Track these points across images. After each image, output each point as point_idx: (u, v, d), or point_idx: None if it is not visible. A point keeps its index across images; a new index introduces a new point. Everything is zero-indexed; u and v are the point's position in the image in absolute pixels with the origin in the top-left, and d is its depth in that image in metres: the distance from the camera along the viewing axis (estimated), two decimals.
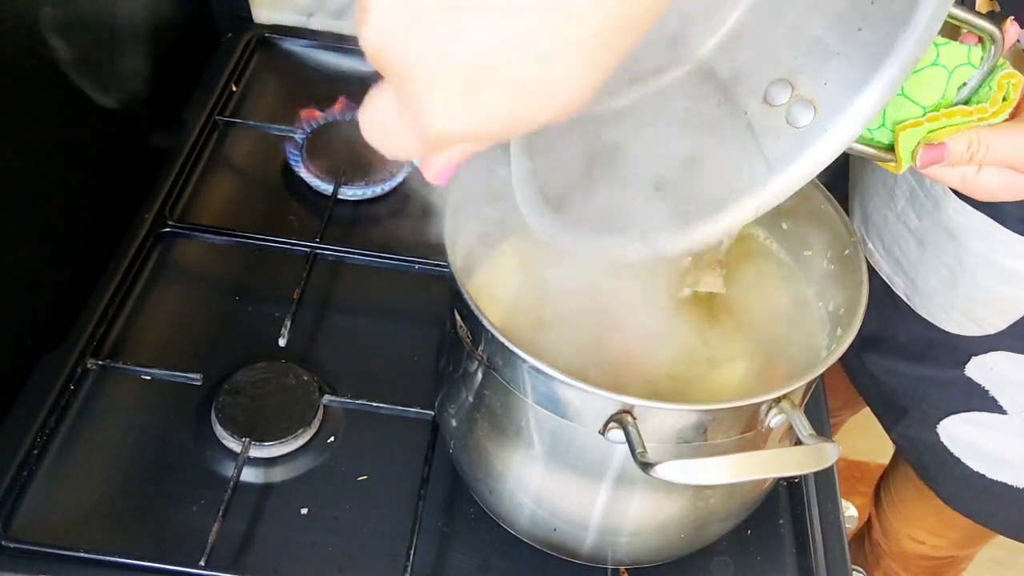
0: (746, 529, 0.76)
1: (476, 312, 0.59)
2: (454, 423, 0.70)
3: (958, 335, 0.88)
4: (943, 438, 0.94)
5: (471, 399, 0.67)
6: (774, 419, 0.59)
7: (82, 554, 0.69)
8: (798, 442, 0.58)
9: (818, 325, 0.71)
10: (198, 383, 0.80)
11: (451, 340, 0.68)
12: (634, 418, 0.56)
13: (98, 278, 0.87)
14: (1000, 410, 0.88)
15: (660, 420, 0.58)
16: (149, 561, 0.69)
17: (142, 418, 0.79)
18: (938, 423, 0.93)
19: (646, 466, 0.53)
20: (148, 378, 0.81)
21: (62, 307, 0.83)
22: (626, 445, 0.55)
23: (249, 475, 0.75)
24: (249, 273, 0.91)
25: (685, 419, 0.58)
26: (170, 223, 0.93)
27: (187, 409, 0.79)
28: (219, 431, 0.77)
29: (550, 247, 0.56)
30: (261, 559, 0.71)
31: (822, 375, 0.62)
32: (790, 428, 0.61)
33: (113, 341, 0.84)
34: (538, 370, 0.57)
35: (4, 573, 0.68)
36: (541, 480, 0.65)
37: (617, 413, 0.57)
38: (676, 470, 0.53)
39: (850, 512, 0.80)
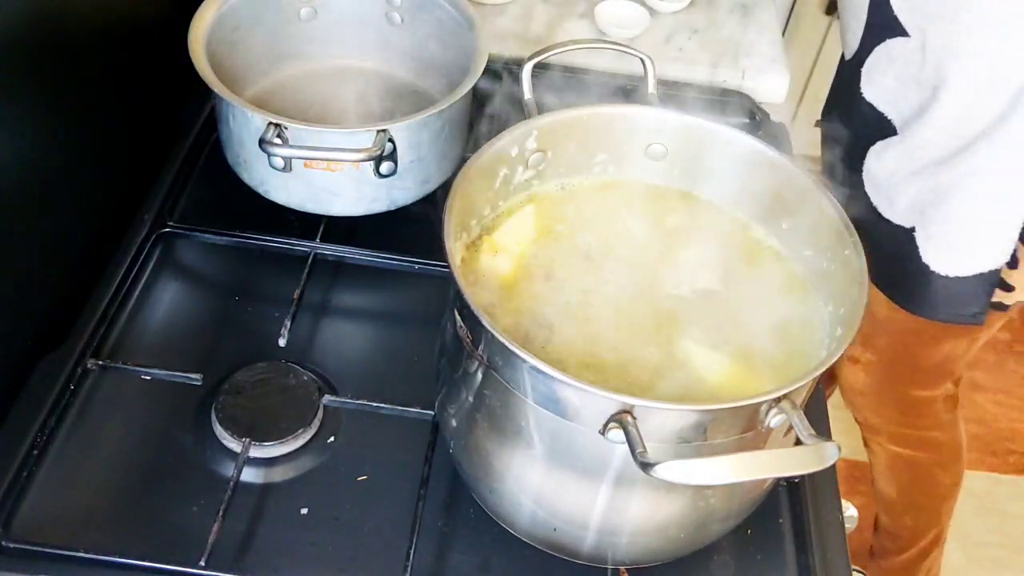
0: (746, 529, 0.76)
1: (476, 312, 0.59)
2: (454, 423, 0.70)
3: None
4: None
5: (471, 399, 0.67)
6: (774, 419, 0.59)
7: (82, 554, 0.69)
8: (798, 442, 0.58)
9: (818, 325, 0.71)
10: (198, 383, 0.80)
11: (451, 340, 0.68)
12: (634, 418, 0.56)
13: (98, 278, 0.87)
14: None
15: (660, 420, 0.58)
16: (149, 561, 0.69)
17: (142, 418, 0.79)
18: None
19: (646, 466, 0.53)
20: (148, 378, 0.81)
21: (62, 307, 0.83)
22: (626, 445, 0.55)
23: (249, 475, 0.75)
24: (249, 273, 0.91)
25: (685, 419, 0.58)
26: (170, 223, 0.93)
27: (187, 409, 0.79)
28: (219, 431, 0.77)
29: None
30: (261, 559, 0.71)
31: (822, 375, 0.62)
32: (790, 428, 0.61)
33: (113, 341, 0.84)
34: (538, 370, 0.57)
35: (4, 573, 0.68)
36: (541, 480, 0.65)
37: (617, 413, 0.57)
38: (676, 470, 0.53)
39: (850, 512, 0.80)
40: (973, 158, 0.98)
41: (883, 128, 1.04)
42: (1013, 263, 1.04)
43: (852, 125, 1.08)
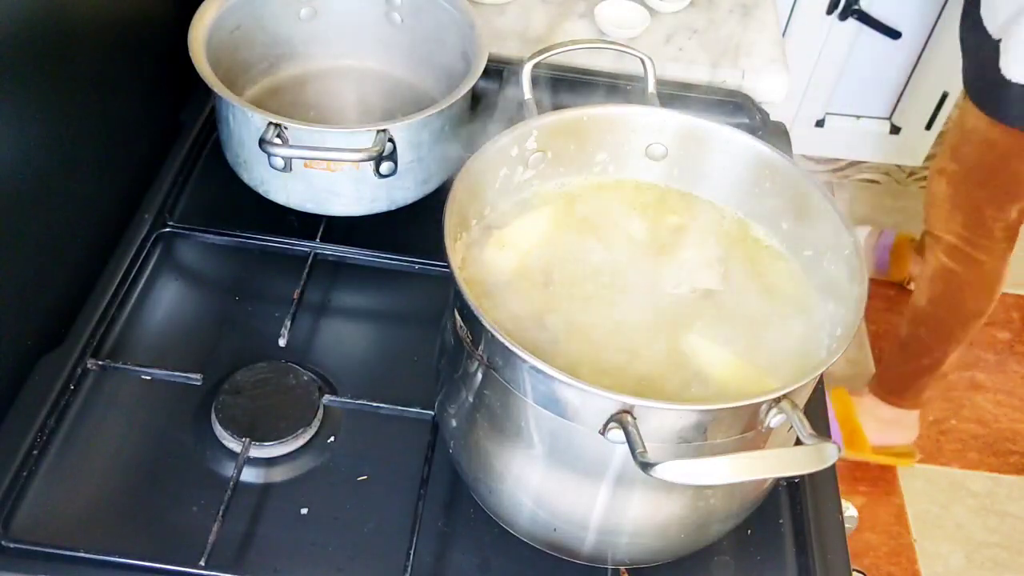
0: (746, 529, 0.76)
1: (476, 312, 0.59)
2: (454, 423, 0.70)
3: None
4: None
5: (471, 399, 0.67)
6: (774, 419, 0.59)
7: (82, 554, 0.69)
8: (798, 442, 0.58)
9: (818, 325, 0.71)
10: (198, 383, 0.80)
11: (451, 340, 0.68)
12: (634, 418, 0.56)
13: (98, 278, 0.87)
14: None
15: (660, 420, 0.58)
16: (149, 561, 0.69)
17: (142, 418, 0.79)
18: None
19: (646, 466, 0.53)
20: (148, 378, 0.81)
21: (62, 307, 0.83)
22: (626, 445, 0.55)
23: (249, 475, 0.75)
24: (249, 273, 0.91)
25: (685, 419, 0.58)
26: (170, 223, 0.93)
27: (187, 409, 0.79)
28: (219, 431, 0.77)
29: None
30: (261, 559, 0.71)
31: (822, 375, 0.62)
32: (790, 428, 0.61)
33: (113, 341, 0.84)
34: (538, 370, 0.57)
35: (4, 573, 0.68)
36: (541, 480, 0.65)
37: (617, 413, 0.57)
38: (676, 470, 0.53)
39: (850, 512, 0.80)
40: None
41: None
42: None
43: None
